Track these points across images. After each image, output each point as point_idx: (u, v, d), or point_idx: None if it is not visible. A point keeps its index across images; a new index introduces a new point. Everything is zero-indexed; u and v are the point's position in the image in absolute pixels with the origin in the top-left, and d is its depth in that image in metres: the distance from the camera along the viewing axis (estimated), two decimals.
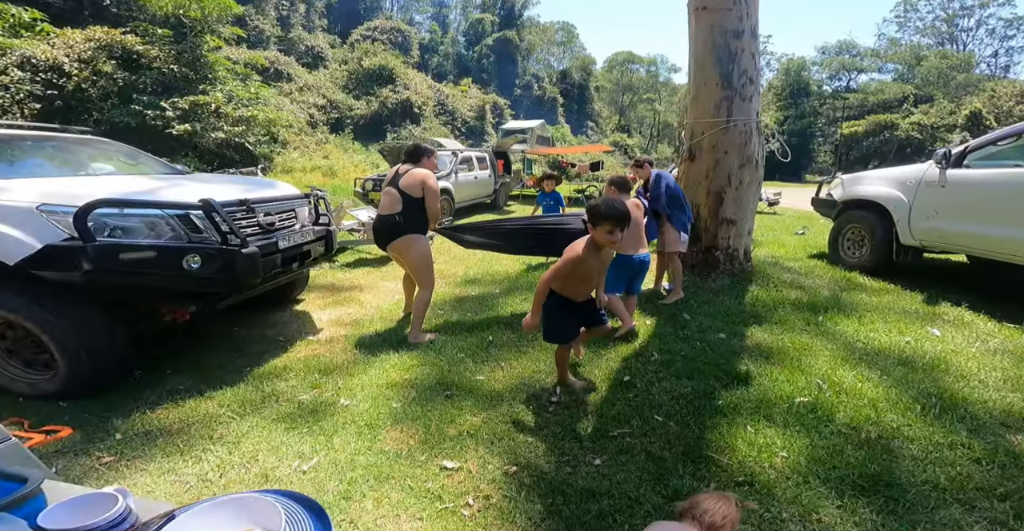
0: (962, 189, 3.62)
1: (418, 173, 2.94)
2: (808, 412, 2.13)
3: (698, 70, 3.83)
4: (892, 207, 4.12)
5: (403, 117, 21.66)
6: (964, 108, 30.25)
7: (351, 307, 3.84)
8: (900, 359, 2.61)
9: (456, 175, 9.13)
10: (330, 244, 3.36)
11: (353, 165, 15.93)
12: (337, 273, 4.96)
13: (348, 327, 3.41)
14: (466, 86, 29.84)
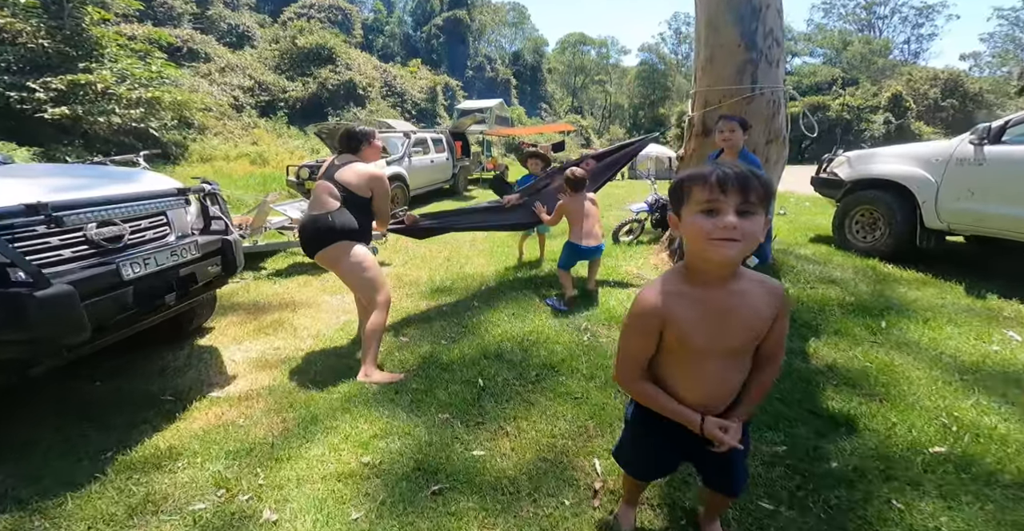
0: (1004, 167, 3.20)
1: (362, 169, 2.36)
2: (955, 468, 1.54)
3: (711, 31, 3.11)
4: (916, 187, 3.67)
5: (346, 99, 19.98)
6: (886, 91, 32.39)
7: (280, 337, 2.86)
8: (1004, 375, 2.10)
9: (410, 159, 8.07)
10: (231, 259, 2.38)
11: (288, 152, 14.19)
12: (263, 286, 3.85)
13: (275, 370, 2.45)
14: (415, 67, 28.20)
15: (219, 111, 14.70)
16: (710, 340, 0.94)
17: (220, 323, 3.06)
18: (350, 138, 2.45)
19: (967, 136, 3.40)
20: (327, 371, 2.40)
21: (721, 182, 0.84)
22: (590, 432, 1.82)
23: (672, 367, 1.02)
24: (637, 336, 1.00)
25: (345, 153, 2.44)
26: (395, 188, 7.29)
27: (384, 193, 2.42)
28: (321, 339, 2.80)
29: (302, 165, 7.75)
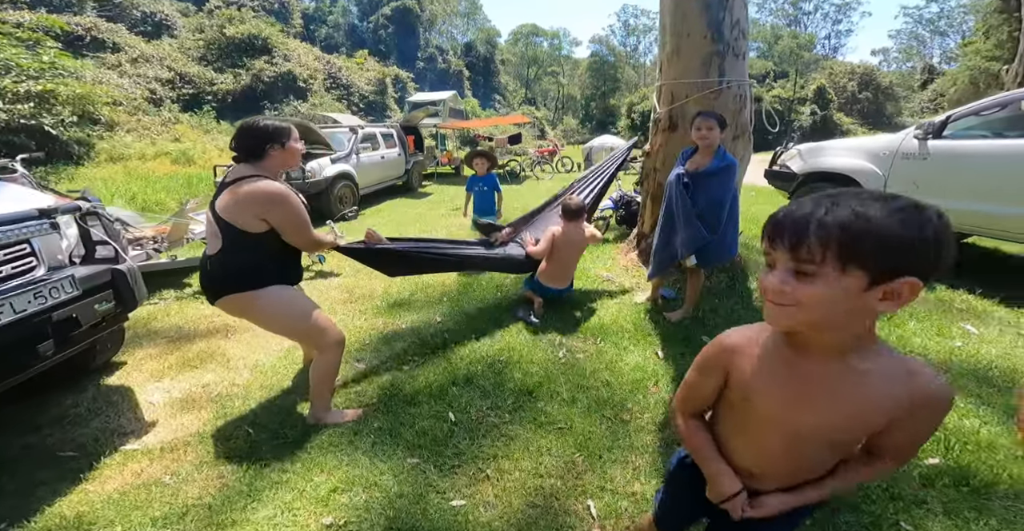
0: (945, 161, 3.34)
1: (248, 189, 1.63)
2: (952, 481, 1.52)
3: (679, 18, 2.97)
4: (865, 180, 3.79)
5: (285, 92, 18.66)
6: (812, 83, 34.71)
7: (210, 370, 2.47)
8: (973, 373, 2.14)
9: (358, 156, 7.55)
10: (126, 292, 1.98)
11: (218, 149, 12.94)
12: (187, 307, 3.35)
13: (205, 412, 2.10)
14: (362, 59, 26.89)
15: (132, 105, 13.18)
16: (786, 413, 0.76)
17: (133, 356, 2.62)
18: (249, 137, 1.70)
19: (912, 130, 3.53)
20: (271, 411, 2.08)
21: (771, 229, 0.66)
22: (579, 467, 1.66)
23: (729, 423, 0.87)
24: (695, 372, 0.89)
25: (244, 160, 1.73)
26: (343, 187, 6.80)
27: (292, 221, 1.70)
28: (260, 371, 2.43)
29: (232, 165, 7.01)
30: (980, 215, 3.20)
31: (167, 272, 3.73)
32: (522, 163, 12.51)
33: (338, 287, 3.68)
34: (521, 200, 8.06)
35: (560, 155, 14.05)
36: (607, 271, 3.51)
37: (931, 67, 37.34)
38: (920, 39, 45.14)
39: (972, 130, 3.42)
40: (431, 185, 10.73)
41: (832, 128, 29.11)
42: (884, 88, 34.99)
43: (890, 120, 32.37)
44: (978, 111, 3.32)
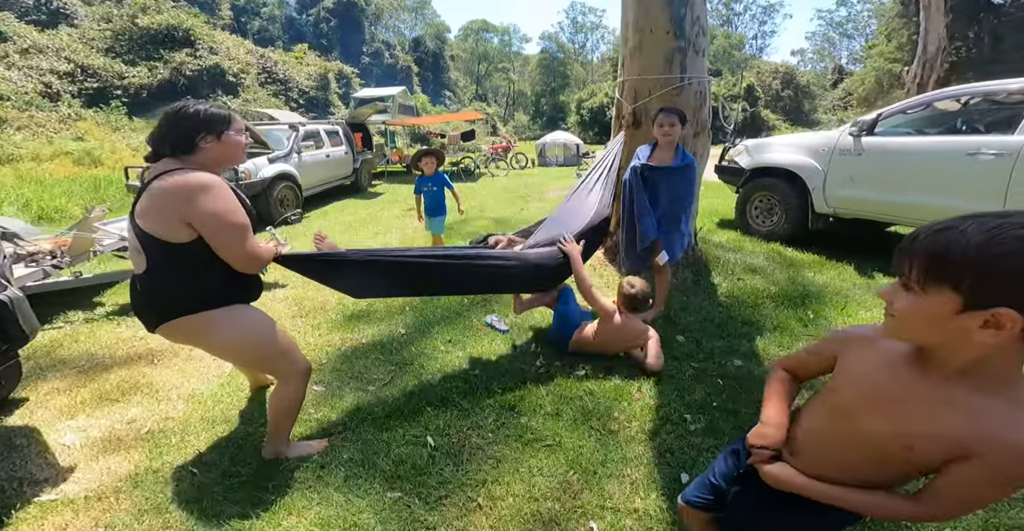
0: (877, 156, 3.59)
1: (164, 184, 1.28)
2: None
3: (641, 13, 2.95)
4: (806, 175, 4.02)
5: (212, 87, 17.23)
6: (743, 81, 37.08)
7: (135, 403, 2.15)
8: None
9: (299, 155, 7.05)
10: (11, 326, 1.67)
11: (130, 149, 11.67)
12: (101, 330, 2.90)
13: (136, 453, 1.82)
14: (301, 53, 25.40)
15: (22, 100, 11.58)
16: (860, 408, 0.76)
17: (36, 391, 2.24)
18: (179, 120, 1.35)
19: (848, 128, 3.77)
20: (218, 447, 1.83)
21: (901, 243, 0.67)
22: (575, 486, 1.57)
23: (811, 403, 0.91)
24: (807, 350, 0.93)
25: (167, 154, 1.37)
26: (284, 188, 6.32)
27: (221, 223, 1.31)
28: (199, 401, 2.14)
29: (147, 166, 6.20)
30: (907, 206, 3.47)
31: (74, 290, 3.25)
32: (476, 160, 12.33)
33: (284, 299, 3.37)
34: (478, 198, 7.91)
35: (514, 151, 14.00)
36: None
37: (840, 67, 41.03)
38: (831, 41, 49.43)
39: (899, 127, 3.70)
40: (381, 184, 10.30)
41: (760, 124, 31.21)
42: (803, 87, 38.00)
43: (808, 116, 35.23)
44: (904, 110, 3.60)
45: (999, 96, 3.37)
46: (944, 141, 3.33)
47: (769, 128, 30.67)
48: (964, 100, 3.62)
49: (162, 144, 1.37)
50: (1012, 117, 3.11)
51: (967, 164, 3.09)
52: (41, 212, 6.56)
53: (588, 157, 13.77)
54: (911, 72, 15.75)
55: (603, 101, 33.39)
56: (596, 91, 36.15)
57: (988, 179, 2.99)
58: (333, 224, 6.14)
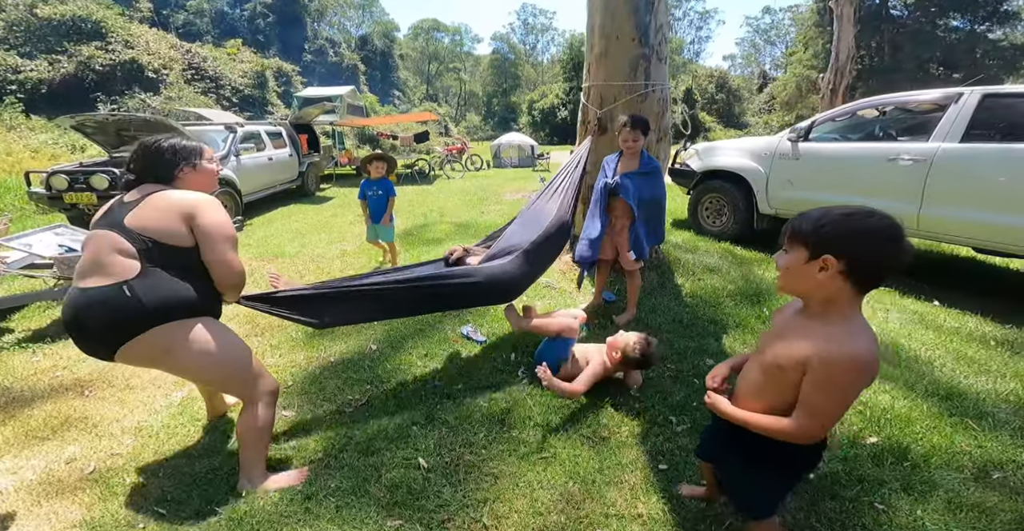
0: (812, 161, 3.92)
1: (172, 198, 1.46)
2: (896, 457, 1.73)
3: (608, 19, 3.01)
4: (751, 178, 4.31)
5: (127, 82, 15.69)
6: (681, 85, 39.14)
7: (71, 440, 1.94)
8: None
9: (238, 157, 6.59)
10: None
11: (29, 151, 10.39)
12: (14, 360, 2.58)
13: (83, 496, 1.63)
14: (234, 49, 23.66)
15: None
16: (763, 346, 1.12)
17: None
18: (158, 154, 1.52)
19: (786, 133, 4.09)
20: (182, 482, 1.68)
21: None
22: (576, 497, 1.58)
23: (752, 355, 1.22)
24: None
25: (145, 183, 1.52)
26: (220, 195, 5.87)
27: (221, 235, 1.47)
28: (148, 435, 1.95)
29: (55, 170, 5.42)
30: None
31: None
32: (431, 162, 12.11)
33: (235, 317, 3.07)
34: (436, 202, 7.77)
35: (469, 153, 13.90)
36: (545, 276, 3.48)
37: (765, 73, 44.41)
38: (757, 47, 53.39)
39: (829, 133, 4.07)
40: (331, 188, 9.85)
41: (698, 125, 33.09)
42: (733, 90, 40.75)
43: (738, 119, 37.73)
44: (834, 117, 3.96)
45: (911, 106, 3.78)
46: (869, 147, 3.69)
47: (706, 130, 32.59)
48: (882, 109, 4.02)
49: (143, 174, 1.54)
50: (924, 125, 3.47)
51: (888, 168, 3.44)
52: None
53: (543, 158, 13.93)
54: (825, 78, 17.32)
55: (554, 102, 33.93)
56: (547, 92, 36.70)
57: (906, 182, 3.34)
58: (280, 232, 5.78)
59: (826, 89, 17.48)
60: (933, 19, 21.41)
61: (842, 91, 17.01)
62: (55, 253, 3.12)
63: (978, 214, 3.10)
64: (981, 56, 21.30)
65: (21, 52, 14.69)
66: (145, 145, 1.54)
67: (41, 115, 12.91)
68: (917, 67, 21.59)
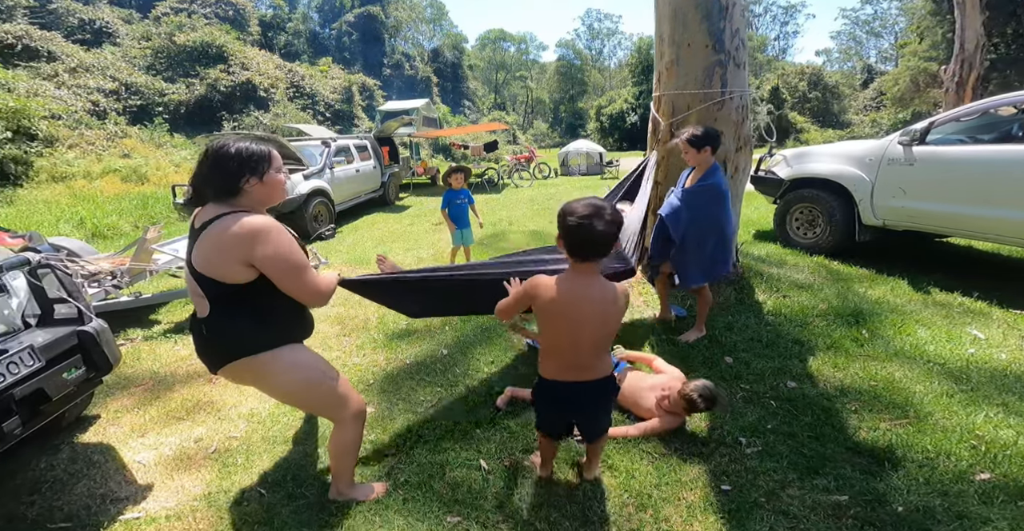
0: (931, 166, 3.44)
1: (224, 227, 1.29)
2: (1007, 496, 1.52)
3: (678, 27, 2.94)
4: (853, 186, 3.89)
5: (245, 102, 17.87)
6: (767, 84, 36.30)
7: (199, 422, 2.23)
8: (992, 380, 2.18)
9: (331, 170, 7.25)
10: (98, 357, 1.75)
11: (173, 165, 12.17)
12: (160, 348, 3.01)
13: (205, 472, 1.88)
14: (326, 66, 26.26)
15: (72, 119, 12.25)
16: None
17: (106, 408, 2.35)
18: (223, 162, 1.33)
19: (896, 136, 3.64)
20: (280, 467, 1.88)
21: None
22: (630, 509, 1.57)
23: None
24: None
25: (212, 198, 1.37)
26: (318, 204, 6.50)
27: (285, 261, 1.33)
28: (258, 421, 2.21)
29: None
30: (963, 217, 3.32)
31: (133, 309, 3.41)
32: (499, 171, 12.42)
33: (328, 319, 3.43)
34: (505, 211, 7.95)
35: (537, 161, 14.05)
36: None
37: (870, 67, 39.74)
38: (858, 40, 47.97)
39: (953, 135, 3.55)
40: (408, 197, 10.48)
41: (787, 126, 30.46)
42: (831, 87, 36.99)
43: (837, 117, 34.12)
44: (958, 117, 3.46)
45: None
46: (1001, 150, 3.17)
47: (797, 131, 29.88)
48: (1022, 106, 3.45)
49: (206, 187, 1.37)
50: None
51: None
52: (95, 229, 6.92)
53: (611, 166, 13.68)
54: (949, 70, 15.03)
55: (622, 107, 33.22)
56: (615, 97, 36.05)
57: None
58: (365, 239, 6.27)
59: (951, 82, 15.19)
60: None
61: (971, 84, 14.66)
62: None
63: None
64: None
65: (164, 77, 17.17)
66: (209, 151, 1.36)
67: (181, 133, 15.19)
68: None
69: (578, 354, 1.40)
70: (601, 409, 1.55)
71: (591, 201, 1.33)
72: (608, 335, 1.43)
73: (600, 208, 1.29)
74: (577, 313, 1.35)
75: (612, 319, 1.40)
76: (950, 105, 12.97)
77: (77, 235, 6.34)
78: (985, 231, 3.31)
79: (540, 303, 1.38)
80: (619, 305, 1.39)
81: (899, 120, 22.71)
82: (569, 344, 1.39)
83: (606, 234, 1.28)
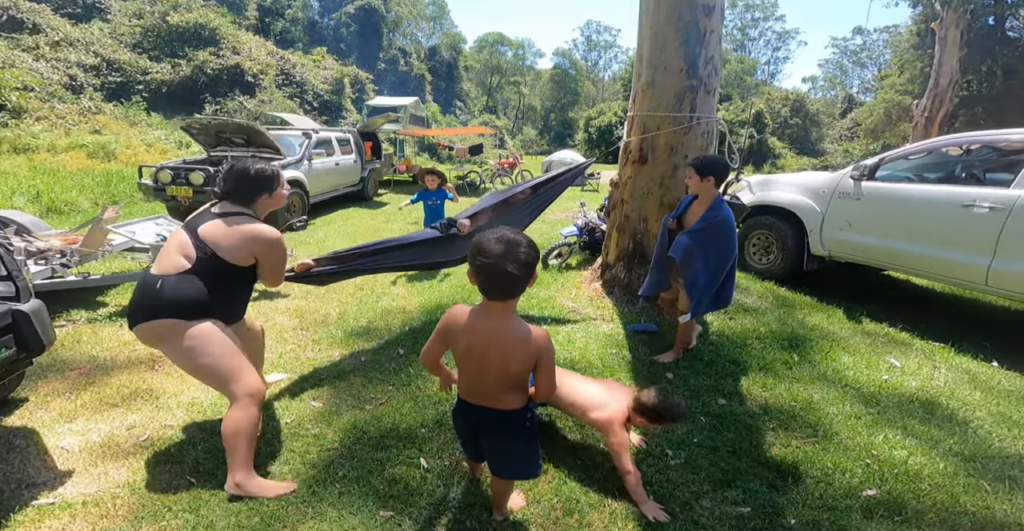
0: (876, 202, 3.66)
1: (247, 229, 1.76)
2: (887, 511, 1.68)
3: (656, 49, 3.08)
4: (806, 216, 4.12)
5: (231, 86, 17.51)
6: (751, 107, 37.47)
7: (135, 409, 2.21)
8: (899, 405, 2.38)
9: (310, 162, 7.22)
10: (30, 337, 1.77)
11: (145, 144, 11.86)
12: (104, 332, 2.96)
13: (134, 460, 1.89)
14: (320, 56, 25.85)
15: (45, 91, 11.80)
16: None
17: (36, 391, 2.32)
18: (245, 181, 1.80)
19: (849, 171, 3.87)
20: (216, 457, 1.89)
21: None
22: (557, 513, 1.66)
23: None
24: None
25: (227, 199, 1.81)
26: (292, 195, 6.46)
27: (278, 263, 1.88)
28: (198, 410, 2.22)
29: (162, 165, 6.22)
30: (901, 254, 3.54)
31: (79, 290, 3.34)
32: (482, 174, 12.49)
33: (286, 311, 3.46)
34: None
35: (520, 168, 14.17)
36: (572, 301, 3.55)
37: (851, 97, 41.39)
38: (844, 69, 49.92)
39: (901, 172, 3.80)
40: (387, 194, 10.46)
41: (766, 151, 31.43)
42: (811, 115, 38.35)
43: (814, 145, 35.38)
44: (907, 154, 3.70)
45: (1001, 145, 3.41)
46: (940, 191, 3.38)
47: (775, 156, 30.86)
48: (967, 147, 3.62)
49: (230, 190, 1.81)
50: (1011, 166, 3.15)
51: (961, 215, 3.12)
52: (51, 204, 6.69)
53: (593, 178, 13.93)
54: (920, 105, 15.80)
55: (611, 120, 33.74)
56: (605, 110, 36.55)
57: (980, 232, 3.04)
58: (337, 234, 6.25)
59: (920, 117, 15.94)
60: None
61: (939, 120, 15.42)
62: (152, 241, 3.63)
63: None
64: None
65: (151, 55, 16.73)
66: (234, 169, 1.82)
67: (159, 113, 14.77)
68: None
69: (483, 383, 1.38)
70: (506, 445, 1.44)
71: (506, 236, 1.22)
72: (515, 375, 1.34)
73: (514, 245, 1.20)
74: (480, 350, 1.32)
75: (516, 365, 1.31)
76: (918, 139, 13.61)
77: (31, 209, 6.14)
78: (919, 268, 3.54)
79: (450, 329, 1.37)
80: (527, 351, 1.30)
81: (870, 151, 23.69)
82: (475, 372, 1.38)
83: (517, 278, 1.20)
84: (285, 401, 2.30)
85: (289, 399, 2.32)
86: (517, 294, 1.29)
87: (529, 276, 1.24)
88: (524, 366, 1.33)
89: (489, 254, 1.20)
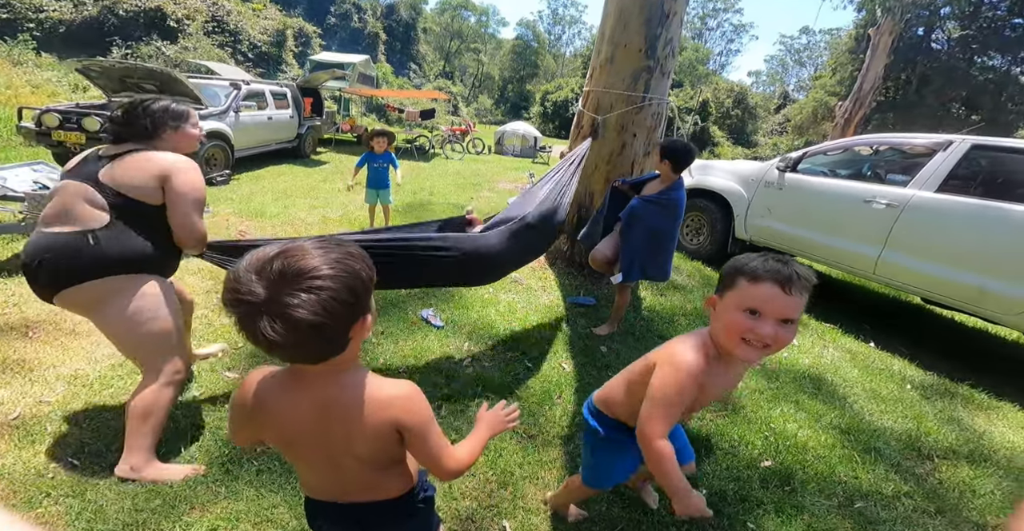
0: (793, 193, 3.93)
1: (155, 159, 1.52)
2: (780, 481, 1.85)
3: (619, 27, 3.02)
4: (734, 201, 4.36)
5: (148, 29, 15.19)
6: (700, 95, 38.77)
7: (4, 383, 1.92)
8: (794, 381, 2.61)
9: (236, 114, 6.51)
10: None
11: (31, 86, 10.14)
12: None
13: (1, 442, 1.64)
14: (261, 5, 22.90)
15: None
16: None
17: None
18: (145, 113, 1.55)
19: (776, 162, 4.11)
20: (105, 435, 1.69)
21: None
22: (492, 486, 1.67)
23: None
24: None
25: (127, 141, 1.55)
26: (212, 147, 5.85)
27: (191, 196, 1.52)
28: (83, 384, 1.95)
29: (48, 108, 5.35)
30: (807, 243, 3.83)
31: None
32: (432, 139, 11.98)
33: (199, 272, 3.08)
34: (429, 180, 7.75)
35: (472, 135, 13.76)
36: (517, 272, 3.52)
37: (786, 93, 44.08)
38: (785, 67, 52.80)
39: (819, 166, 4.09)
40: (328, 152, 9.74)
41: (707, 138, 32.87)
42: (750, 108, 40.48)
43: (749, 137, 37.52)
44: (826, 151, 3.98)
45: (905, 148, 3.75)
46: (849, 186, 3.68)
47: (714, 144, 32.40)
48: (876, 148, 3.99)
49: (127, 131, 1.57)
50: (911, 170, 3.46)
51: (862, 210, 3.43)
52: None
53: (544, 151, 13.86)
54: (843, 107, 17.11)
55: (568, 96, 33.52)
56: (563, 85, 36.21)
57: (875, 226, 3.35)
58: (266, 190, 5.76)
59: (841, 118, 17.35)
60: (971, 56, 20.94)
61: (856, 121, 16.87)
62: (28, 189, 3.10)
63: (930, 266, 3.14)
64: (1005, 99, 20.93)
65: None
66: (133, 106, 1.58)
67: (53, 54, 12.57)
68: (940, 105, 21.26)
69: (338, 477, 0.85)
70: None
71: (286, 261, 0.67)
72: (374, 460, 0.84)
73: (292, 282, 0.65)
74: (308, 440, 0.81)
75: (365, 446, 0.81)
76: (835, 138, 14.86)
77: None
78: (822, 256, 3.84)
79: (248, 414, 0.83)
80: (378, 423, 0.79)
81: (795, 146, 25.56)
82: (320, 466, 0.85)
83: (285, 344, 0.66)
84: (196, 371, 2.10)
85: (201, 369, 2.11)
86: (324, 357, 0.73)
87: (321, 338, 0.68)
88: (381, 444, 0.81)
89: (240, 291, 0.64)
